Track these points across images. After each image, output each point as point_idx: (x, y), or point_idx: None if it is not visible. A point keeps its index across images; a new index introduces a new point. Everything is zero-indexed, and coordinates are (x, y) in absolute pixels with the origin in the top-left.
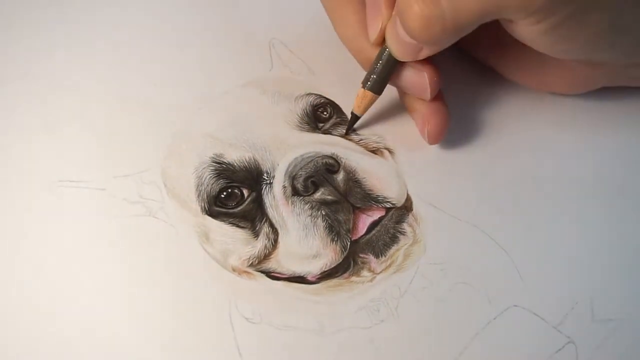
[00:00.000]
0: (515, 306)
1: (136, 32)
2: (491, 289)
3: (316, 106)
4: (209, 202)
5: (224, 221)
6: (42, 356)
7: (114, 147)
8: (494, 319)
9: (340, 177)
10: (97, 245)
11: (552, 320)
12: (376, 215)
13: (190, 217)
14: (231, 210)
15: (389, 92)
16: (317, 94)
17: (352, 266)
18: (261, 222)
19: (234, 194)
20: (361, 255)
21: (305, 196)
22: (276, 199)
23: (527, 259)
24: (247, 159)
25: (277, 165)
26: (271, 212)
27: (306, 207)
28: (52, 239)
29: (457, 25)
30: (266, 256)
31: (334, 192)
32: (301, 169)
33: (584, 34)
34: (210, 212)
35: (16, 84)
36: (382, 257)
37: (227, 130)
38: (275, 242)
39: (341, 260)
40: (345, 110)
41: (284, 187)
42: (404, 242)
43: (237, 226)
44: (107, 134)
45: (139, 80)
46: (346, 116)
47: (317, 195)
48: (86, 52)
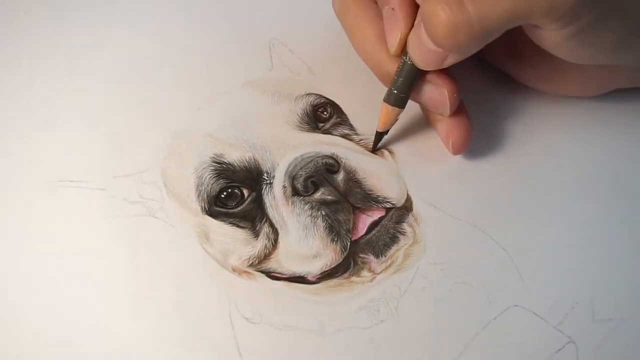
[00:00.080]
0: (515, 306)
1: (136, 32)
2: (491, 289)
3: (316, 106)
4: (209, 202)
5: (224, 221)
6: (42, 356)
7: (114, 147)
8: (494, 319)
9: (340, 177)
10: (97, 245)
11: (552, 320)
12: (376, 215)
13: (190, 217)
14: (231, 210)
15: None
16: (317, 94)
17: (352, 266)
18: (261, 222)
19: (234, 194)
20: (361, 255)
21: (305, 196)
22: (276, 199)
23: (527, 259)
24: (247, 159)
25: (277, 165)
26: (271, 212)
27: (306, 207)
28: (52, 239)
29: (484, 31)
30: (266, 256)
31: (334, 192)
32: (301, 169)
33: (607, 39)
34: (210, 212)
35: (16, 84)
36: (382, 257)
37: (227, 130)
38: (275, 242)
39: (341, 260)
40: (345, 110)
41: (284, 187)
42: (404, 242)
43: (237, 226)
44: (107, 134)
45: (139, 80)
46: (346, 116)
47: (317, 195)
48: (86, 52)
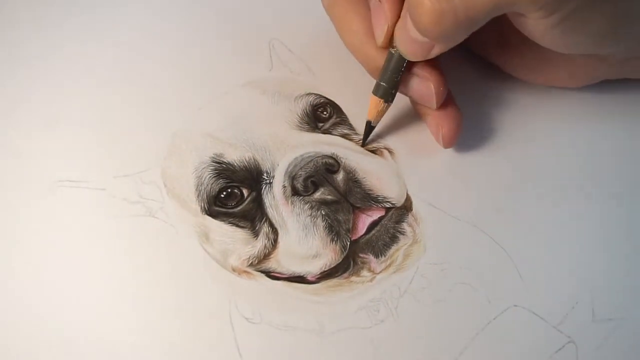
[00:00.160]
0: (515, 306)
1: (136, 32)
2: (491, 289)
3: (316, 106)
4: (208, 202)
5: (223, 221)
6: (42, 356)
7: (113, 147)
8: (494, 319)
9: (340, 177)
10: (97, 245)
11: (552, 320)
12: (376, 215)
13: (190, 217)
14: (231, 210)
15: None
16: (317, 94)
17: (352, 266)
18: (261, 222)
19: (234, 194)
20: (361, 255)
21: (305, 196)
22: (276, 199)
23: (527, 259)
24: (247, 159)
25: (277, 165)
26: (271, 212)
27: (306, 207)
28: (52, 239)
29: (469, 18)
30: (266, 256)
31: (333, 192)
32: (301, 168)
33: (593, 27)
34: (210, 212)
35: (16, 84)
36: (381, 257)
37: (227, 130)
38: (275, 242)
39: (341, 260)
40: (345, 110)
41: (284, 187)
42: (403, 242)
43: (237, 226)
44: (107, 134)
45: (139, 80)
46: (346, 116)
47: (317, 195)
48: (86, 52)
